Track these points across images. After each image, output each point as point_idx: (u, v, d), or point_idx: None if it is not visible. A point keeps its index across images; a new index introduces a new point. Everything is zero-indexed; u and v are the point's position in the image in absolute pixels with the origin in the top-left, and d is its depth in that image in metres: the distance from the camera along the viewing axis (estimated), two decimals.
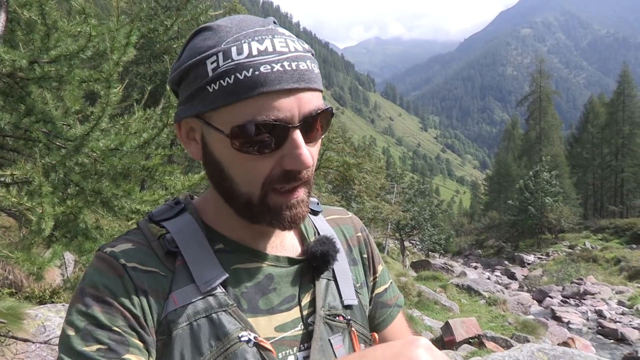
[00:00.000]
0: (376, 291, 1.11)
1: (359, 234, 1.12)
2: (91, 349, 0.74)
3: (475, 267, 36.26)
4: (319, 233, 1.03)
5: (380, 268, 1.13)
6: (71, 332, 0.76)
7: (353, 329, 0.96)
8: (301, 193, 0.85)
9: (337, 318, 0.94)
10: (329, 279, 0.97)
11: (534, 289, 24.10)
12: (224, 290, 0.85)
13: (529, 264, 37.29)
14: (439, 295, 15.12)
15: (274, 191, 0.82)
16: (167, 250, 0.85)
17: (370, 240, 1.14)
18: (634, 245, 37.44)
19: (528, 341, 9.99)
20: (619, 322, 17.47)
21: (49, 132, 3.67)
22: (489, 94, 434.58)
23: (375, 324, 1.09)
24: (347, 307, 0.97)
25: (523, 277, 30.44)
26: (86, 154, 3.65)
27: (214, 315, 0.82)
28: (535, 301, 21.02)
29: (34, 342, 4.45)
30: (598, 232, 44.75)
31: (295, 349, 0.88)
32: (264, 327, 0.86)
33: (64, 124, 3.79)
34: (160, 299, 0.82)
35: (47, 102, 3.71)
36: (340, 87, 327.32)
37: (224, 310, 0.83)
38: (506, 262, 39.47)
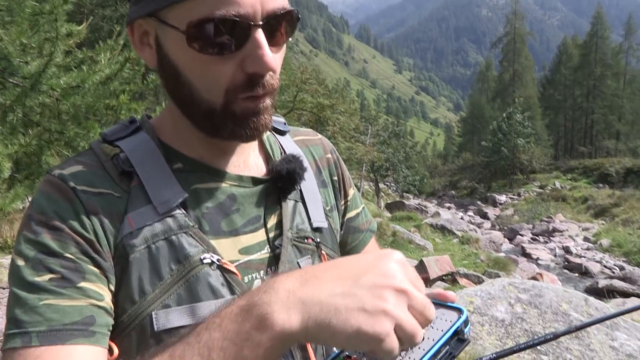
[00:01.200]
0: (348, 215, 1.07)
1: (329, 155, 1.06)
2: (43, 278, 0.69)
3: (449, 208, 36.95)
4: (285, 153, 0.96)
5: (351, 192, 1.09)
6: (21, 262, 0.70)
7: (323, 252, 0.93)
8: (267, 99, 0.78)
9: (306, 240, 0.90)
10: (296, 201, 0.93)
11: (505, 228, 24.71)
12: (183, 211, 0.79)
13: (501, 204, 38.11)
14: (414, 235, 15.36)
15: (238, 101, 0.76)
16: (121, 170, 0.79)
17: (341, 163, 1.09)
18: (601, 185, 38.51)
19: (499, 277, 10.26)
20: (584, 257, 18.16)
21: (4, 69, 3.47)
22: (464, 36, 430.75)
23: (347, 250, 1.06)
24: (317, 229, 0.93)
25: (495, 216, 31.16)
26: (46, 93, 3.48)
27: (173, 237, 0.77)
28: (506, 239, 21.58)
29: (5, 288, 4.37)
30: (568, 172, 45.79)
31: (262, 272, 0.84)
32: (228, 249, 0.81)
33: (21, 62, 3.58)
34: (115, 222, 0.76)
35: (1, 39, 3.48)
36: (314, 30, 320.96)
37: (184, 232, 0.78)
38: (479, 203, 40.27)
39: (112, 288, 0.74)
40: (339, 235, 1.02)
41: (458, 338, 0.69)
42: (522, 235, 22.58)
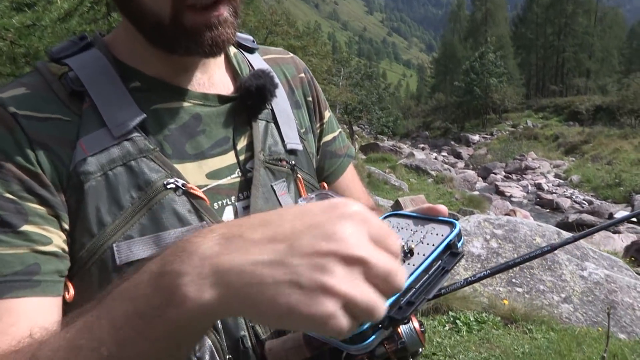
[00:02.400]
0: (324, 139, 0.99)
1: (302, 74, 0.98)
2: None
3: (423, 148, 37.20)
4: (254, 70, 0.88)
5: (327, 114, 1.01)
6: None
7: (299, 175, 0.86)
8: (224, 11, 0.70)
9: (280, 163, 0.83)
10: (268, 121, 0.85)
11: (479, 167, 25.06)
12: (142, 134, 0.71)
13: (474, 143, 38.52)
14: (389, 176, 15.44)
15: (189, 9, 0.67)
16: (70, 90, 0.70)
17: (315, 83, 1.00)
18: (571, 123, 39.13)
19: (473, 214, 10.41)
20: (555, 193, 18.63)
21: None
22: None
23: (324, 176, 0.99)
24: (291, 152, 0.86)
25: (469, 156, 31.53)
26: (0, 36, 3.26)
27: (132, 162, 0.69)
28: (480, 178, 21.93)
29: None
30: (539, 111, 46.35)
31: (233, 198, 0.78)
32: (194, 173, 0.74)
33: None
34: (65, 149, 0.68)
35: None
36: None
37: (144, 157, 0.70)
38: (452, 143, 40.62)
39: (66, 226, 0.67)
40: (315, 160, 0.95)
41: (451, 252, 0.65)
42: (495, 173, 22.94)
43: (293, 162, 0.85)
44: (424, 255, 0.63)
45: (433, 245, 0.64)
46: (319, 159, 0.97)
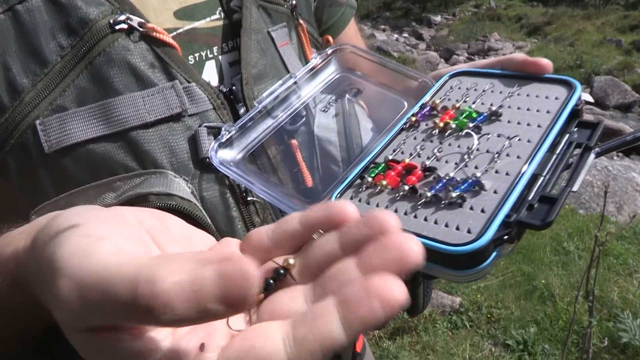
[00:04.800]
0: None
1: None
2: None
3: (384, 30, 35.93)
4: None
5: None
6: None
7: (301, 22, 0.66)
8: None
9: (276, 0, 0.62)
10: None
11: (441, 48, 24.32)
12: None
13: (436, 24, 37.34)
14: None
15: None
16: None
17: None
18: (535, 3, 38.20)
19: None
20: None
21: None
22: None
23: (323, 30, 0.77)
24: None
25: (430, 37, 30.63)
26: None
27: None
28: (442, 59, 21.31)
29: None
30: None
31: (215, 49, 0.57)
32: (156, 9, 0.53)
33: None
34: None
35: None
36: None
37: None
38: (414, 24, 39.31)
39: None
40: (312, 6, 0.73)
41: (580, 122, 0.48)
42: (458, 55, 22.30)
43: (293, 2, 0.64)
44: (538, 126, 0.45)
45: (548, 112, 0.47)
46: (315, 6, 0.75)
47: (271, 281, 0.30)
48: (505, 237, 0.38)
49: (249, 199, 0.53)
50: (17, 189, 0.49)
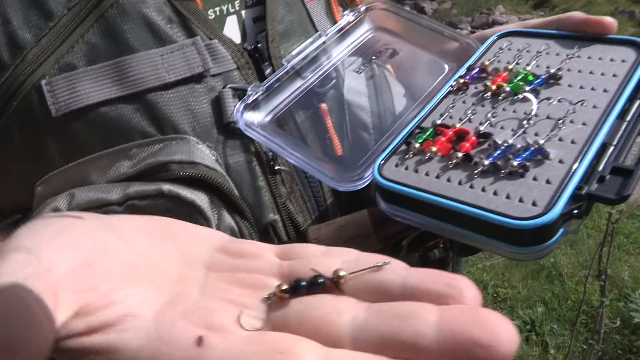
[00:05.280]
0: None
1: None
2: None
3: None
4: None
5: None
6: None
7: None
8: None
9: None
10: None
11: (444, 22, 24.16)
12: None
13: None
14: None
15: None
16: None
17: None
18: None
19: None
20: None
21: None
22: None
23: None
24: None
25: (432, 10, 30.35)
26: None
27: None
28: None
29: None
30: None
31: (237, 3, 0.52)
32: None
33: None
34: None
35: None
36: None
37: None
38: None
39: None
40: None
41: None
42: (461, 29, 22.16)
43: None
44: (604, 91, 0.41)
45: (614, 76, 0.42)
46: None
47: (303, 283, 0.25)
48: (575, 211, 0.34)
49: (276, 167, 0.49)
50: (21, 157, 0.46)
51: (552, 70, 0.44)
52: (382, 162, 0.41)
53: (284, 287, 0.25)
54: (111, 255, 0.27)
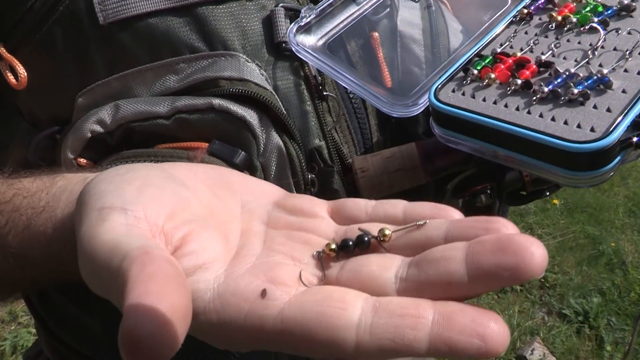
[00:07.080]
0: None
1: None
2: None
3: None
4: None
5: None
6: None
7: None
8: None
9: None
10: None
11: None
12: None
13: None
14: None
15: None
16: None
17: None
18: None
19: None
20: None
21: None
22: None
23: None
24: None
25: None
26: None
27: None
28: None
29: None
30: None
31: None
32: None
33: None
34: None
35: None
36: None
37: None
38: None
39: None
40: None
41: None
42: None
43: None
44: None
45: None
46: None
47: (350, 243, 0.27)
48: (635, 138, 0.33)
49: (324, 93, 0.48)
50: (64, 66, 0.44)
51: (626, 1, 0.41)
52: (439, 87, 0.40)
53: (332, 245, 0.27)
54: (186, 207, 0.28)
